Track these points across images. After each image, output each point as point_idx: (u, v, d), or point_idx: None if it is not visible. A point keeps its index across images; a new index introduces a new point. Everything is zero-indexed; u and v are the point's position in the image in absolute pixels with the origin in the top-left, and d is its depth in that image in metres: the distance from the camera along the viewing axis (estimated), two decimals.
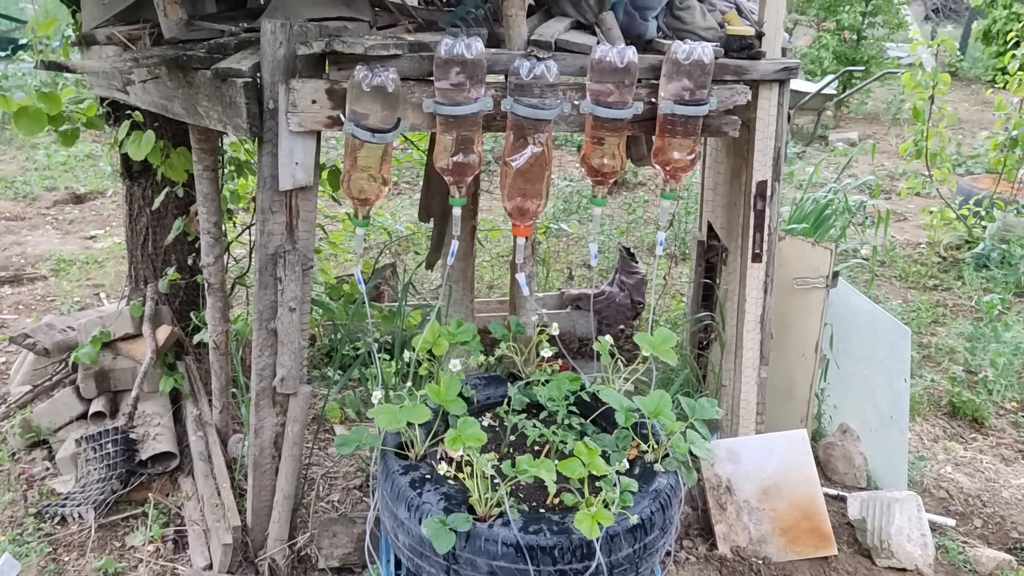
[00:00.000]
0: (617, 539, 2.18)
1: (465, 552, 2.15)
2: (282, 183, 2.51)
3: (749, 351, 3.16)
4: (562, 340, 4.39)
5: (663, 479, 2.37)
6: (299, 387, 2.75)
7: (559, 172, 8.00)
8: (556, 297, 4.63)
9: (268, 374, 2.73)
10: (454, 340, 2.63)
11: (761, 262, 3.06)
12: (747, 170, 3.03)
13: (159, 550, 2.98)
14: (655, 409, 2.44)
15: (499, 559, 2.13)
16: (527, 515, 2.20)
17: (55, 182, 6.90)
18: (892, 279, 5.83)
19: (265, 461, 2.84)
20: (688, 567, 3.02)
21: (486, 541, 2.14)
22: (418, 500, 2.23)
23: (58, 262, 5.46)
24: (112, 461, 3.16)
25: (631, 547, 2.22)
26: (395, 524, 2.30)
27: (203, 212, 3.09)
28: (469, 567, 2.16)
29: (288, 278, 2.60)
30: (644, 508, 2.25)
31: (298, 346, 2.69)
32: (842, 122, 10.92)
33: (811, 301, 3.48)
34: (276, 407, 2.80)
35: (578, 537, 2.14)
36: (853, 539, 3.23)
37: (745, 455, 3.18)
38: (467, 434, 2.25)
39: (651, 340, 2.61)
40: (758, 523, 3.11)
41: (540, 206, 2.62)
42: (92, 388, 3.48)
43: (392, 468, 2.34)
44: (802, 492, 3.13)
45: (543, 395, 2.59)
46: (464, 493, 2.23)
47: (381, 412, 2.28)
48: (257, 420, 2.78)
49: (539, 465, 2.16)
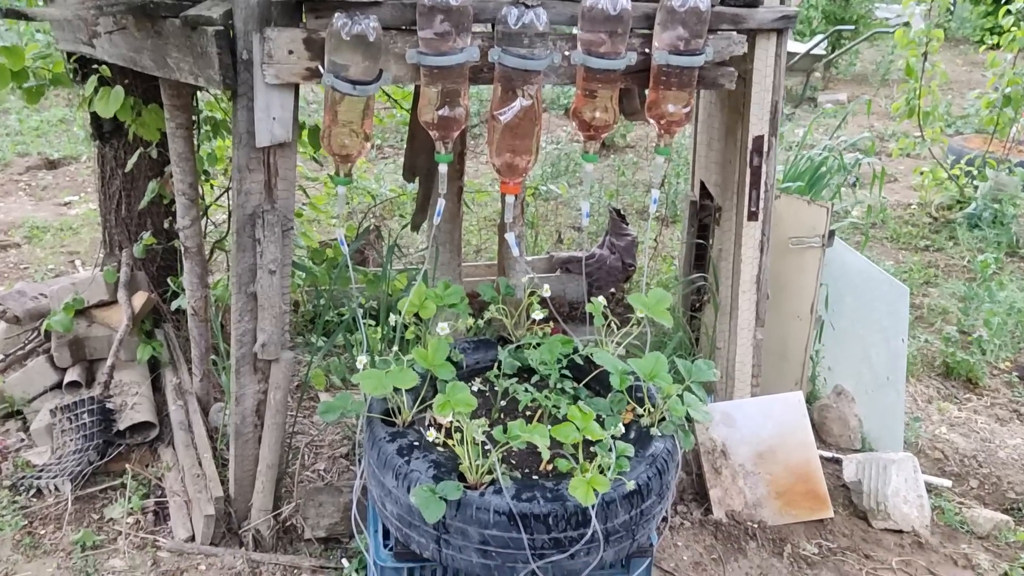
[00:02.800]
0: (613, 506, 2.11)
1: (456, 521, 2.07)
2: (259, 139, 2.39)
3: (744, 312, 3.08)
4: (553, 304, 4.29)
5: (659, 443, 2.29)
6: (281, 353, 2.65)
7: (546, 136, 7.86)
8: (545, 260, 4.53)
9: (248, 340, 2.63)
10: (441, 303, 2.53)
11: (757, 220, 2.97)
12: (743, 125, 2.93)
13: (139, 522, 2.89)
14: (651, 372, 2.36)
15: (491, 528, 2.05)
16: (520, 482, 2.12)
17: (28, 147, 6.70)
18: (883, 240, 5.76)
19: (247, 430, 2.75)
20: (683, 532, 2.97)
21: (477, 509, 2.06)
22: (406, 468, 2.14)
23: (31, 229, 5.31)
24: (88, 432, 3.06)
25: (627, 513, 2.15)
26: (382, 493, 2.22)
27: (178, 173, 2.96)
28: (460, 536, 2.08)
29: (267, 239, 2.48)
30: (641, 473, 2.18)
31: (279, 310, 2.58)
32: (831, 83, 10.80)
33: (806, 261, 3.40)
34: (258, 374, 2.70)
35: (573, 504, 2.06)
36: (849, 501, 3.18)
37: (740, 418, 3.11)
38: (456, 399, 2.16)
39: (645, 301, 2.52)
40: (753, 487, 3.06)
41: (530, 162, 2.51)
42: (67, 357, 3.36)
43: (378, 435, 2.26)
44: (798, 455, 3.07)
45: (534, 359, 2.50)
46: (454, 460, 2.15)
47: (366, 377, 2.19)
48: (238, 388, 2.68)
49: (532, 430, 2.08)
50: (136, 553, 2.77)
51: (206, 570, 2.71)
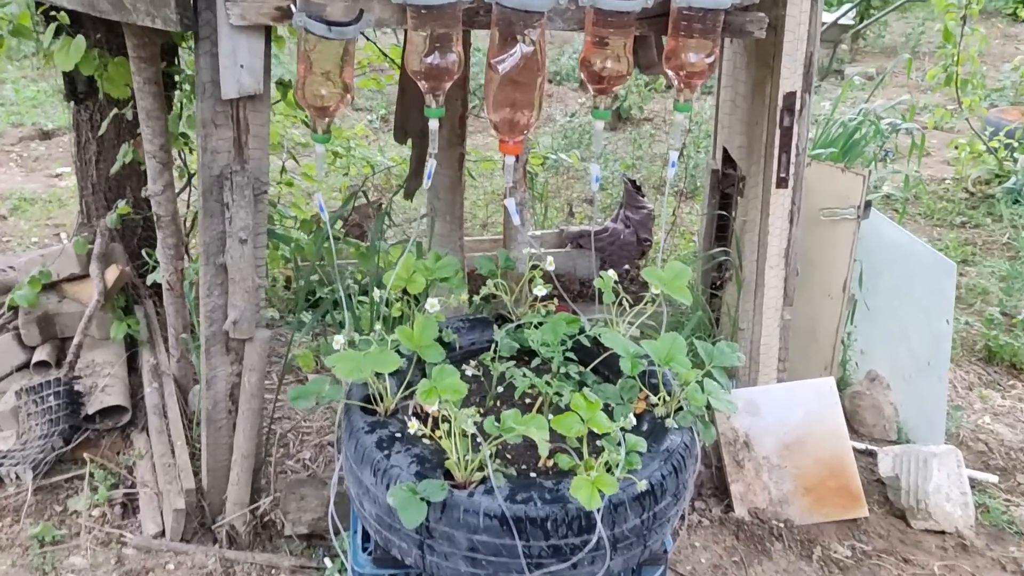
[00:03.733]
0: (622, 508, 1.84)
1: (441, 525, 1.81)
2: (225, 90, 2.12)
3: (771, 290, 2.79)
4: (561, 282, 4.00)
5: (676, 437, 2.01)
6: (255, 332, 2.39)
7: (559, 107, 7.54)
8: (555, 235, 4.25)
9: (219, 317, 2.37)
10: (432, 277, 2.25)
11: (787, 187, 2.67)
12: (772, 80, 2.62)
13: (105, 515, 2.66)
14: (667, 355, 2.07)
15: (481, 533, 1.79)
16: (515, 481, 1.85)
17: (22, 118, 6.47)
18: (916, 217, 5.43)
19: (220, 416, 2.50)
20: (701, 531, 2.70)
21: (465, 512, 1.79)
22: (385, 463, 1.88)
23: (19, 201, 5.07)
24: (55, 416, 2.82)
25: (638, 517, 1.87)
26: (360, 491, 1.96)
27: (147, 133, 2.70)
28: (446, 542, 1.82)
29: (236, 204, 2.22)
30: (654, 471, 1.90)
31: (252, 284, 2.32)
32: (858, 56, 10.37)
33: (839, 234, 3.09)
34: (230, 355, 2.44)
35: (575, 507, 1.79)
36: (884, 498, 2.89)
37: (765, 406, 2.83)
38: (444, 385, 1.89)
39: (661, 276, 2.23)
40: (779, 482, 2.78)
41: (531, 118, 2.21)
42: (35, 334, 3.12)
43: (356, 425, 1.99)
44: (829, 447, 2.79)
45: (535, 339, 2.22)
46: (440, 455, 1.88)
47: (341, 360, 1.92)
48: (209, 370, 2.43)
49: (528, 422, 1.80)
50: (99, 550, 2.53)
51: (174, 569, 2.47)
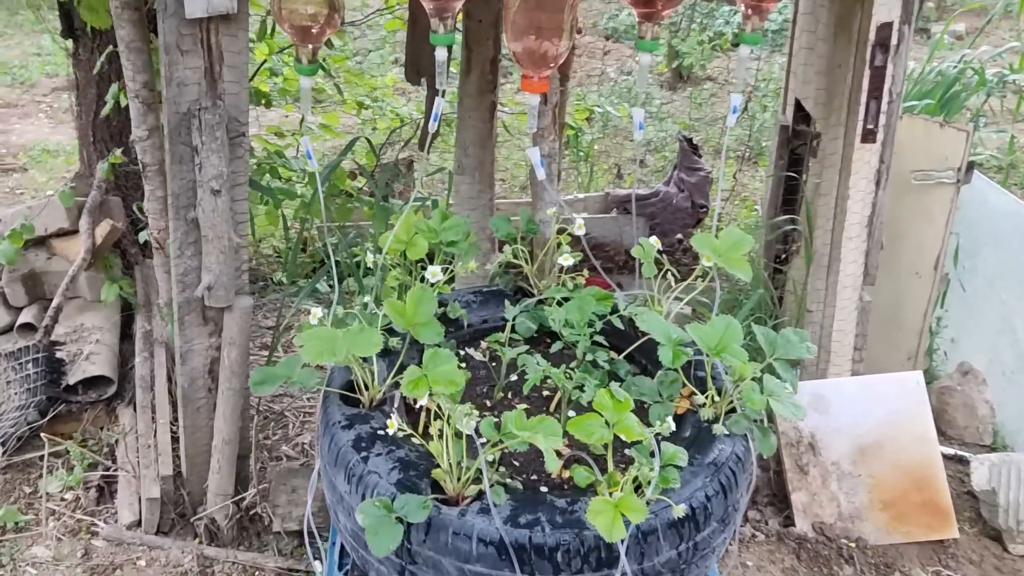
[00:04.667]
0: (653, 538, 1.45)
1: (425, 549, 1.45)
2: (189, 7, 1.76)
3: (848, 265, 2.35)
4: (606, 252, 3.61)
5: (726, 446, 1.61)
6: (235, 299, 2.05)
7: (614, 64, 7.06)
8: (600, 199, 3.83)
9: (192, 281, 2.04)
10: (436, 240, 1.88)
11: (874, 142, 2.22)
12: (863, 10, 2.16)
13: (79, 500, 2.37)
14: (718, 343, 1.67)
15: (474, 562, 1.43)
16: (519, 497, 1.48)
17: (57, 68, 6.25)
18: (1011, 187, 4.85)
19: (198, 395, 2.18)
20: (755, 547, 2.30)
21: (455, 535, 1.43)
22: (362, 467, 1.52)
23: (41, 152, 4.85)
24: (33, 385, 2.54)
25: (674, 548, 1.49)
26: (334, 498, 1.61)
27: (128, 68, 2.35)
28: (431, 570, 1.46)
29: (207, 148, 1.87)
30: (696, 491, 1.51)
31: (229, 244, 1.97)
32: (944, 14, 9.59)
33: (933, 201, 2.63)
34: (207, 325, 2.11)
35: (594, 534, 1.41)
36: (977, 515, 2.45)
37: (837, 403, 2.40)
38: (436, 373, 1.52)
39: (716, 245, 1.82)
40: (851, 493, 2.36)
41: (560, 49, 1.81)
42: (21, 295, 2.85)
43: (332, 418, 1.64)
44: (913, 453, 2.36)
45: (557, 318, 1.84)
46: (429, 460, 1.52)
47: (310, 338, 1.56)
48: (183, 342, 2.11)
49: (535, 426, 1.42)
50: (66, 540, 2.25)
51: (145, 566, 2.18)
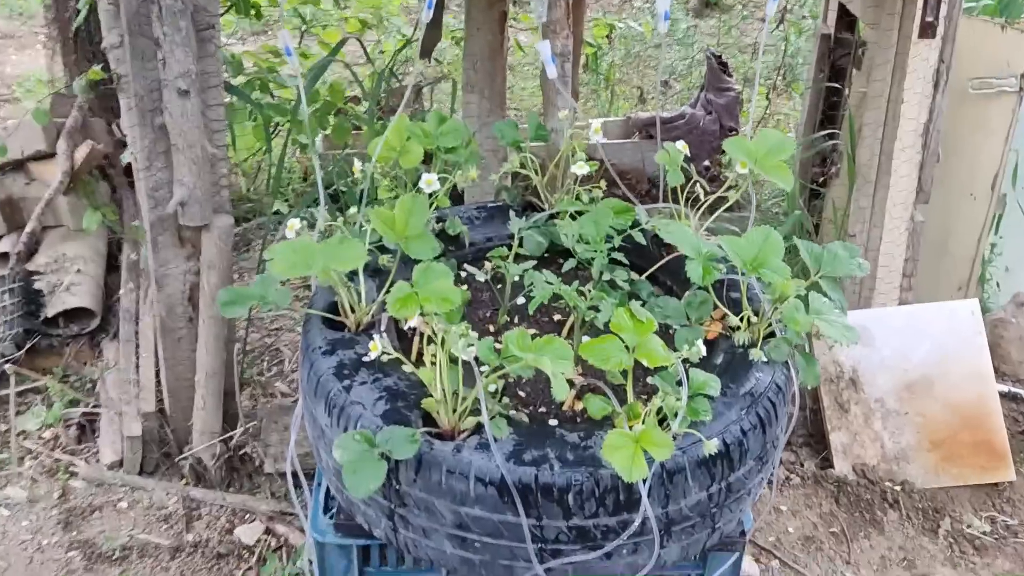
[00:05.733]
0: (680, 478, 1.25)
1: (415, 490, 1.26)
2: None
3: (901, 179, 2.10)
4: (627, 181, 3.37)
5: (764, 375, 1.40)
6: (212, 218, 1.85)
7: None
8: (622, 124, 3.58)
9: (164, 196, 1.84)
10: (432, 147, 1.65)
11: (934, 36, 1.95)
12: None
13: (58, 438, 2.22)
14: (756, 257, 1.44)
15: (472, 504, 1.23)
16: (524, 432, 1.28)
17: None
18: None
19: (178, 325, 1.99)
20: (790, 491, 2.10)
21: (449, 474, 1.23)
22: (344, 397, 1.33)
23: (36, 83, 4.63)
24: (9, 317, 2.37)
25: (704, 490, 1.29)
26: (316, 433, 1.42)
27: None
28: (424, 514, 1.27)
29: (170, 40, 1.64)
30: (730, 425, 1.31)
31: (202, 154, 1.76)
32: None
33: (992, 113, 2.37)
34: (184, 247, 1.91)
35: (611, 473, 1.22)
36: None
37: (881, 335, 2.18)
38: (428, 290, 1.31)
39: (751, 149, 1.59)
40: (896, 432, 2.15)
41: None
42: None
43: (313, 343, 1.44)
44: (966, 390, 2.14)
45: (571, 233, 1.62)
46: (422, 390, 1.32)
47: (282, 251, 1.35)
48: (158, 265, 1.91)
49: (541, 347, 1.21)
50: (43, 480, 2.09)
51: (127, 508, 2.02)
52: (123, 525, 1.96)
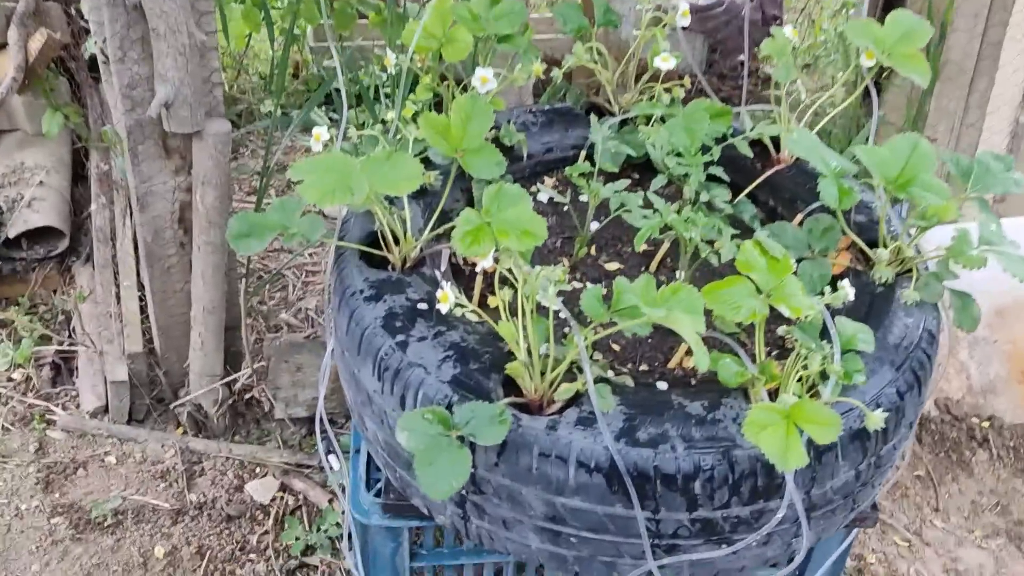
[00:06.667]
0: (830, 457, 1.00)
1: (497, 475, 0.99)
2: None
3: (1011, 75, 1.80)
4: None
5: (914, 321, 1.14)
6: (204, 122, 1.51)
7: None
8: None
9: (143, 96, 1.49)
10: (484, 33, 1.32)
11: None
12: None
13: (30, 380, 1.92)
14: (901, 173, 1.15)
15: (570, 494, 0.97)
16: (634, 402, 1.01)
17: None
18: None
19: (167, 251, 1.68)
20: None
21: (543, 457, 0.97)
22: (399, 357, 1.04)
23: None
24: None
25: (853, 468, 1.03)
26: (359, 399, 1.14)
27: None
28: (506, 503, 1.01)
29: None
30: (885, 387, 1.05)
31: (190, 40, 1.41)
32: None
33: None
34: (172, 158, 1.58)
35: (747, 454, 0.96)
36: None
37: None
38: (504, 220, 1.02)
39: (878, 34, 1.29)
40: (984, 363, 1.92)
41: None
42: None
43: (352, 286, 1.14)
44: None
45: (659, 143, 1.31)
46: (496, 345, 1.04)
47: (312, 170, 1.04)
48: (139, 181, 1.59)
49: (668, 298, 0.93)
50: (16, 431, 1.81)
51: (116, 464, 1.75)
52: (113, 484, 1.70)
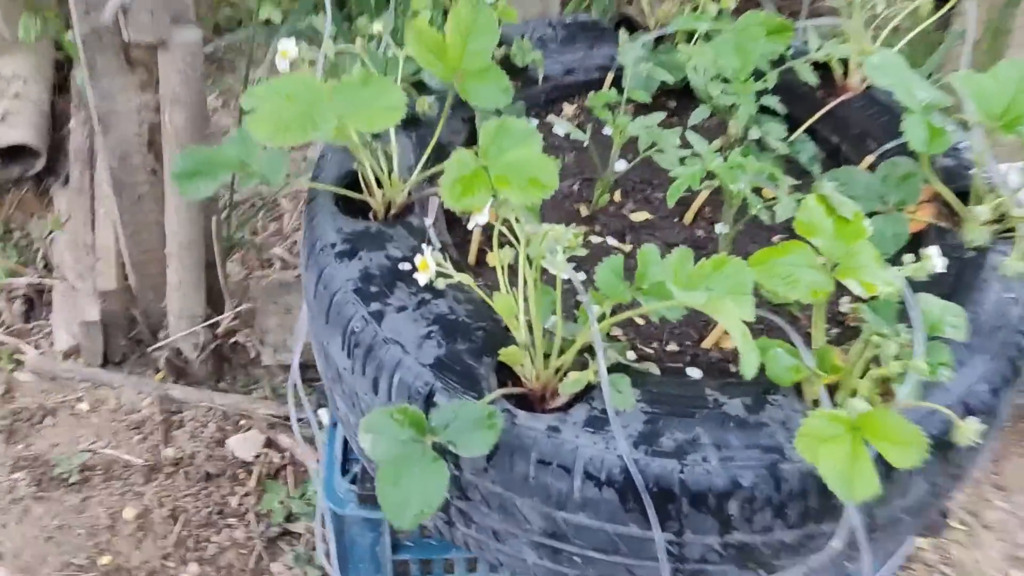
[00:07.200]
0: (902, 474, 0.80)
1: (487, 481, 0.81)
2: None
3: None
4: None
5: (1011, 293, 0.92)
6: (171, 30, 1.29)
7: None
8: None
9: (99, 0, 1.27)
10: None
11: None
12: None
13: (0, 313, 1.76)
14: (1008, 108, 0.92)
15: (574, 509, 0.79)
16: (656, 396, 0.81)
17: None
18: None
19: (135, 179, 1.49)
20: None
21: (542, 465, 0.78)
22: (372, 331, 0.85)
23: None
24: None
25: (929, 481, 0.84)
26: (330, 373, 0.95)
27: None
28: (495, 512, 0.83)
29: None
30: (975, 383, 0.85)
31: None
32: None
33: None
34: (136, 72, 1.38)
35: (797, 468, 0.76)
36: None
37: None
38: (505, 163, 0.80)
39: None
40: None
41: None
42: None
43: (323, 239, 0.94)
44: None
45: (702, 67, 1.07)
46: (492, 320, 0.84)
47: (265, 100, 0.82)
48: (100, 98, 1.38)
49: (709, 276, 0.72)
50: None
51: (88, 412, 1.60)
52: (83, 435, 1.55)
